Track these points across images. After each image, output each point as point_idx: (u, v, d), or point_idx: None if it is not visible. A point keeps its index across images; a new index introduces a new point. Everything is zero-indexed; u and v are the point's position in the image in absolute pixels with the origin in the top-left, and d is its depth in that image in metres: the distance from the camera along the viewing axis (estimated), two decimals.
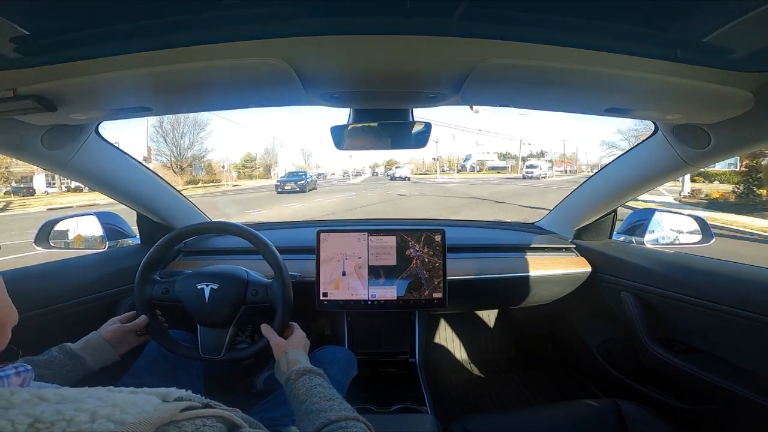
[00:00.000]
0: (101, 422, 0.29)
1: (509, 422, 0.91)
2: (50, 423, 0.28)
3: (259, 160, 45.74)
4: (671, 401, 1.10)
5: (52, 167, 0.91)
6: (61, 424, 0.28)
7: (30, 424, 0.28)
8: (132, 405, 0.32)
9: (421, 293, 1.16)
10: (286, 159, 55.62)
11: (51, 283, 0.99)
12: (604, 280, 1.29)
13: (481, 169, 51.91)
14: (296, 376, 0.69)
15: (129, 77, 0.60)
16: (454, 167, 56.58)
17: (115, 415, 0.30)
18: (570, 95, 0.74)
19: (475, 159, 60.16)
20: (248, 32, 0.53)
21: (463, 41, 0.54)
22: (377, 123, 0.93)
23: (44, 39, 0.52)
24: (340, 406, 0.60)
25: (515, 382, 1.69)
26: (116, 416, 0.30)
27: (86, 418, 0.29)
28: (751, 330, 0.85)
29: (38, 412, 0.28)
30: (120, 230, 1.32)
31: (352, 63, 0.63)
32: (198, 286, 0.90)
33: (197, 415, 0.35)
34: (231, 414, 0.39)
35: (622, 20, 0.50)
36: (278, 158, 47.64)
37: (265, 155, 46.20)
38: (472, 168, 55.41)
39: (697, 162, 0.93)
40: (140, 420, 0.31)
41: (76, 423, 0.29)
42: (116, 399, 0.33)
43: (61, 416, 0.29)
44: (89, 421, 0.29)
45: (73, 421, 0.29)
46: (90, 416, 0.30)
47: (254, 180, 38.23)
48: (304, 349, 0.84)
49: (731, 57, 0.56)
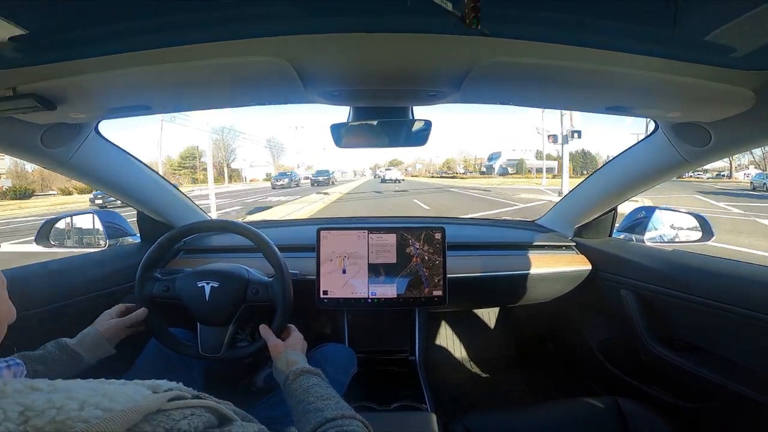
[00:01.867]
0: (90, 410, 0.30)
1: (510, 420, 0.91)
2: (40, 411, 0.28)
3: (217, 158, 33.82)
4: (671, 399, 1.10)
5: (52, 166, 0.91)
6: (50, 411, 0.29)
7: (21, 412, 0.28)
8: (122, 394, 0.33)
9: (421, 291, 1.16)
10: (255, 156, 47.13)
11: (51, 282, 0.99)
12: (604, 278, 1.30)
13: (516, 172, 40.04)
14: (294, 376, 0.69)
15: (129, 76, 0.60)
16: (472, 168, 49.13)
17: (104, 403, 0.31)
18: (570, 93, 0.74)
19: (506, 159, 47.75)
20: (248, 30, 0.53)
21: (463, 39, 0.54)
22: (377, 121, 0.93)
23: (44, 38, 0.52)
24: (337, 404, 0.60)
25: (515, 380, 1.69)
26: (105, 404, 0.31)
27: (75, 406, 0.30)
28: (751, 328, 0.86)
29: (29, 400, 0.29)
30: (120, 228, 1.32)
31: (351, 61, 0.63)
32: (198, 284, 0.90)
33: (186, 405, 0.36)
34: (221, 406, 0.39)
35: (623, 18, 0.50)
36: (237, 154, 36.78)
37: (217, 150, 34.53)
38: (502, 170, 44.73)
39: (698, 160, 0.93)
40: (128, 408, 0.31)
41: (66, 410, 0.29)
42: (107, 389, 0.33)
43: (52, 404, 0.29)
44: (78, 409, 0.30)
45: (63, 408, 0.29)
46: (79, 404, 0.30)
47: (196, 185, 28.19)
48: (301, 350, 0.84)
49: (732, 55, 0.55)
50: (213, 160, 33.80)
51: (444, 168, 73.13)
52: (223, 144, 36.94)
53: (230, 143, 38.62)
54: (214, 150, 33.01)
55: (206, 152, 30.99)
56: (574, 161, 33.65)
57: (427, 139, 0.96)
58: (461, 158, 64.96)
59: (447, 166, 74.63)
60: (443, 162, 77.08)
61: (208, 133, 13.24)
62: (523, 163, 44.68)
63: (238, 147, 41.14)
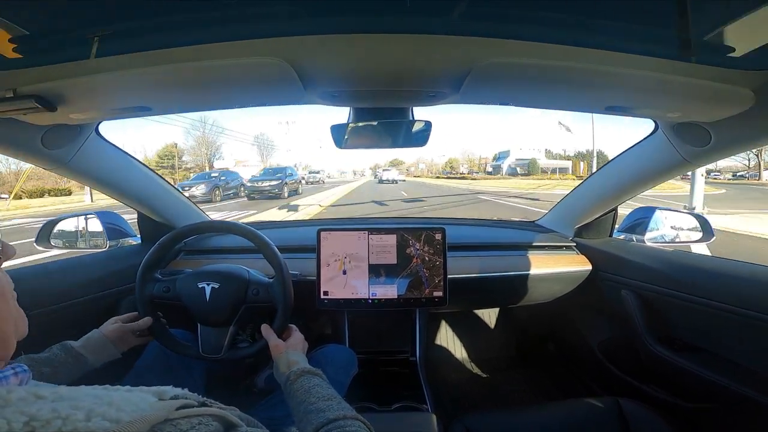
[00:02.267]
0: (96, 420, 0.29)
1: (510, 421, 0.91)
2: (46, 421, 0.28)
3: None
4: (672, 399, 1.10)
5: (53, 167, 0.92)
6: (56, 422, 0.28)
7: (26, 422, 0.28)
8: (128, 403, 0.32)
9: (421, 292, 1.16)
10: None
11: (52, 283, 0.99)
12: (604, 278, 1.29)
13: (528, 172, 36.39)
14: (295, 377, 0.69)
15: (129, 77, 0.60)
16: (477, 168, 46.10)
17: (111, 413, 0.30)
18: (570, 93, 0.74)
19: (514, 158, 44.51)
20: (248, 31, 0.53)
21: (463, 40, 0.54)
22: (377, 122, 0.93)
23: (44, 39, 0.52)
24: (339, 405, 0.60)
25: (516, 380, 1.69)
26: (111, 415, 0.30)
27: (82, 416, 0.29)
28: (752, 328, 0.85)
29: (34, 410, 0.29)
30: (121, 229, 1.32)
31: (351, 62, 0.63)
32: (199, 285, 0.90)
33: (193, 414, 0.35)
34: (227, 413, 0.39)
35: (623, 18, 0.50)
36: (222, 152, 31.97)
37: (199, 147, 30.15)
38: (511, 170, 41.60)
39: (698, 160, 0.93)
40: (135, 418, 0.31)
41: (72, 421, 0.29)
42: (112, 397, 0.33)
43: (57, 414, 0.29)
44: (84, 419, 0.29)
45: (69, 419, 0.29)
46: (85, 414, 0.30)
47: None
48: (302, 350, 0.84)
49: (732, 55, 0.55)
50: (194, 159, 30.13)
51: (447, 168, 72.06)
52: (204, 140, 32.97)
53: (214, 140, 34.71)
54: (195, 147, 30.33)
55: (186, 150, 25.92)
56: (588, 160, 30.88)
57: (427, 140, 0.97)
58: (464, 158, 63.66)
59: (450, 166, 73.74)
60: (446, 162, 76.85)
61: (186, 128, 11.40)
62: (535, 163, 41.83)
63: (223, 144, 37.46)
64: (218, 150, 36.49)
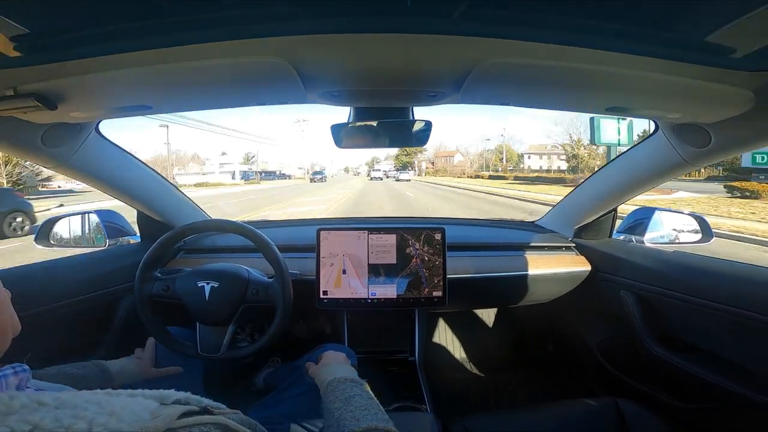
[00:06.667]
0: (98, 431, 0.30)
1: (509, 421, 0.91)
2: (48, 431, 0.28)
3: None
4: (671, 400, 1.10)
5: (53, 165, 0.91)
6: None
7: (29, 431, 0.28)
8: (129, 412, 0.32)
9: (420, 291, 1.16)
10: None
11: (51, 281, 0.99)
12: (604, 278, 1.30)
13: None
14: (338, 382, 0.69)
15: (129, 76, 0.60)
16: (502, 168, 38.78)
17: (112, 424, 0.31)
18: (571, 94, 0.74)
19: None
20: (249, 31, 0.53)
21: (463, 40, 0.54)
22: (377, 121, 0.93)
23: (44, 37, 0.52)
24: (374, 416, 0.59)
25: (515, 380, 1.69)
26: (113, 425, 0.31)
27: (84, 427, 0.30)
28: (750, 329, 0.85)
29: (37, 418, 0.29)
30: (120, 228, 1.32)
31: (352, 61, 0.63)
32: (198, 284, 0.90)
33: (195, 422, 0.35)
34: (230, 421, 0.39)
35: (623, 19, 0.50)
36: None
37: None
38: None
39: (698, 161, 0.93)
40: (136, 430, 0.31)
41: (74, 431, 0.29)
42: (114, 405, 0.33)
43: (60, 423, 0.29)
44: (86, 430, 0.29)
45: (71, 429, 0.29)
46: (87, 424, 0.30)
47: None
48: (344, 362, 0.83)
49: (732, 56, 0.55)
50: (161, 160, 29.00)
51: (496, 162, 48.37)
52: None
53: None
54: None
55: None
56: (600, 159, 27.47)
57: (427, 140, 0.96)
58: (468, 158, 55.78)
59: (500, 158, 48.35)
60: (494, 149, 50.06)
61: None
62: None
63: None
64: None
